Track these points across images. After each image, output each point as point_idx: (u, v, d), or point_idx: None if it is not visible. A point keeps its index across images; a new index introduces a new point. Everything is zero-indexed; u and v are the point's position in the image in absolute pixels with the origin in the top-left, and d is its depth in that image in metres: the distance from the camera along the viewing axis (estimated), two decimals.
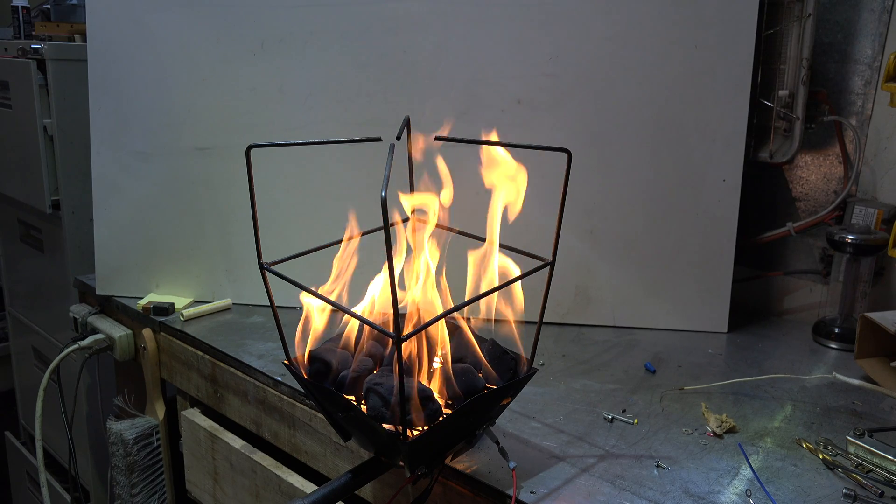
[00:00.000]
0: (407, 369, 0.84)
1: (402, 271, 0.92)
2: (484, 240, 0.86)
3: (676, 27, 1.24)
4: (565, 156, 0.78)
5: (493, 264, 0.85)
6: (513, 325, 0.87)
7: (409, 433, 0.77)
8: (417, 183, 0.94)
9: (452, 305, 0.84)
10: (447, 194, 0.88)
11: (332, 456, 1.07)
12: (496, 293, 0.83)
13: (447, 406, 0.85)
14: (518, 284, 0.85)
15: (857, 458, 0.91)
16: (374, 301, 0.91)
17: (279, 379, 1.14)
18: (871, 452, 0.89)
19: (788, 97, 1.28)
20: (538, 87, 1.29)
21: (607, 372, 1.18)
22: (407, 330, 0.79)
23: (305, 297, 0.87)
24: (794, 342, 1.31)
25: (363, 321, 0.80)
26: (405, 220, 0.95)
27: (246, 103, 1.37)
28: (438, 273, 0.89)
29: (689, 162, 1.29)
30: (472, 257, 0.86)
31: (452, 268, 0.89)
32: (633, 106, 1.28)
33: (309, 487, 1.10)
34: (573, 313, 1.36)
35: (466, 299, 0.83)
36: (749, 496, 0.84)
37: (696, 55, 1.25)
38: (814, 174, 1.39)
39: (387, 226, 0.69)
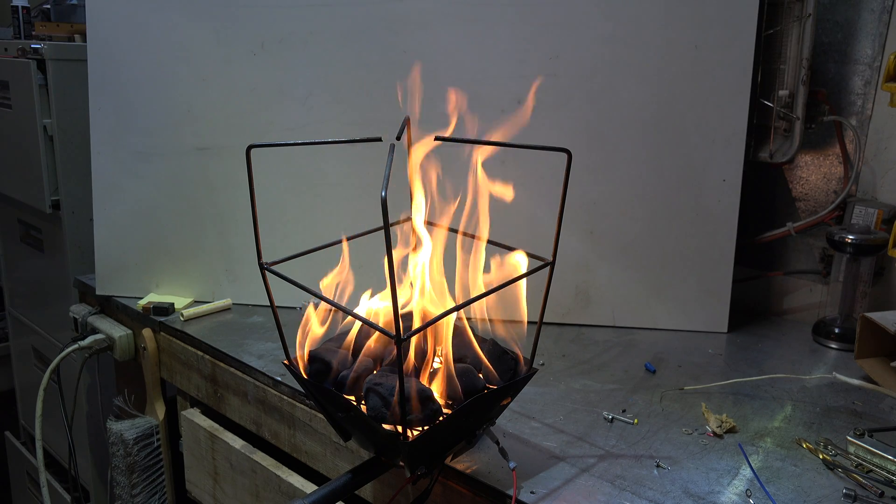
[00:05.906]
0: (407, 369, 0.84)
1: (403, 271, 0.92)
2: (489, 242, 0.86)
3: (676, 27, 1.24)
4: (565, 156, 0.78)
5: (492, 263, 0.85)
6: (513, 325, 0.87)
7: (409, 433, 0.77)
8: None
9: (453, 305, 0.84)
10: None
11: (332, 456, 1.07)
12: (496, 293, 0.83)
13: (447, 406, 0.85)
14: (521, 284, 0.85)
15: (857, 458, 0.91)
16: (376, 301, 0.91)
17: (279, 379, 1.14)
18: (871, 452, 0.89)
19: (788, 97, 1.28)
20: (538, 87, 1.29)
21: (607, 372, 1.18)
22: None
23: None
24: (794, 342, 1.31)
25: (364, 321, 0.80)
26: (406, 219, 0.95)
27: (246, 103, 1.37)
28: (438, 272, 0.89)
29: (689, 162, 1.29)
30: (470, 257, 0.87)
31: (451, 266, 0.89)
32: (633, 106, 1.28)
33: (309, 487, 1.10)
34: (573, 313, 1.36)
35: (466, 299, 0.83)
36: (749, 496, 0.84)
37: (696, 55, 1.25)
38: (814, 174, 1.39)
39: (387, 226, 0.69)
